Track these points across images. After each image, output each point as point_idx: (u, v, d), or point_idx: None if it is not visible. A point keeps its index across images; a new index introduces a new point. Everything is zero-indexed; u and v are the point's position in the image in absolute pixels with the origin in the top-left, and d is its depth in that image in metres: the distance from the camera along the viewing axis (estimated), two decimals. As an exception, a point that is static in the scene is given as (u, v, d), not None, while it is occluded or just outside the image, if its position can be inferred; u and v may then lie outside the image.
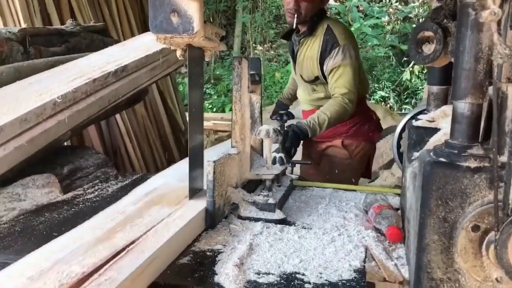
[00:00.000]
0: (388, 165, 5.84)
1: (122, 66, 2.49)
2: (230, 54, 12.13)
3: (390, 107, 10.64)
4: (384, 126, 6.41)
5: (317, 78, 2.48)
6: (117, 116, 5.05)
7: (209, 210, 1.37)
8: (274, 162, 1.57)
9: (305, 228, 1.40)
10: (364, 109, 2.69)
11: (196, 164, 1.46)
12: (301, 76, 2.61)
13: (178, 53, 1.36)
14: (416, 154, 1.38)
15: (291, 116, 1.75)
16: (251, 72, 1.60)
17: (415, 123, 1.48)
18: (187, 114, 6.31)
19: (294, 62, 2.67)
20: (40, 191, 1.73)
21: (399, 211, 1.52)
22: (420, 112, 2.10)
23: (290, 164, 1.88)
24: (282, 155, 1.58)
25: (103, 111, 2.37)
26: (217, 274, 1.10)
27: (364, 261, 1.20)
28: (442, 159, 1.00)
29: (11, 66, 2.30)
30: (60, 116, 2.01)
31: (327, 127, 2.25)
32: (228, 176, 1.47)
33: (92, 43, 3.13)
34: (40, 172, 1.91)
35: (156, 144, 5.59)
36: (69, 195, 1.70)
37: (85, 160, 2.19)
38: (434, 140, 1.35)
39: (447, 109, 1.45)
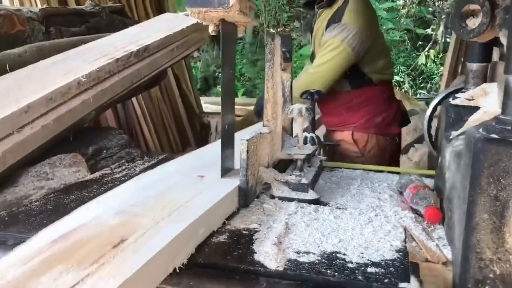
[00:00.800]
0: (404, 150, 5.78)
1: (144, 46, 2.46)
2: (242, 38, 12.04)
3: (405, 91, 10.52)
4: (401, 110, 6.32)
5: None
6: (133, 98, 5.05)
7: (243, 189, 1.34)
8: (305, 141, 1.53)
9: (339, 209, 1.37)
10: (383, 97, 2.34)
11: (228, 143, 1.44)
12: (313, 52, 2.38)
13: (211, 28, 1.33)
14: (454, 133, 1.34)
15: (322, 94, 1.71)
16: (282, 50, 1.56)
17: (453, 101, 1.44)
18: (201, 98, 6.27)
19: (312, 35, 2.45)
20: (67, 170, 1.71)
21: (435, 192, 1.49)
22: (449, 95, 2.05)
23: (322, 143, 1.85)
24: (314, 135, 1.55)
25: (125, 92, 2.35)
26: (256, 253, 1.08)
27: (405, 242, 1.17)
28: (494, 136, 0.96)
29: (34, 45, 2.28)
30: (84, 96, 1.99)
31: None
32: (260, 155, 1.44)
33: (111, 23, 3.10)
34: (65, 152, 1.90)
35: (171, 126, 5.58)
36: (97, 174, 1.69)
37: (109, 140, 2.17)
38: (474, 119, 1.31)
39: (487, 87, 1.41)
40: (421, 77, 10.83)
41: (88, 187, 1.54)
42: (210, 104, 7.13)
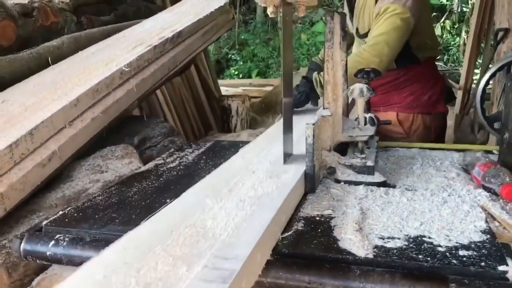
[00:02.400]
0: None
1: (177, 32, 2.43)
2: (253, 18, 11.90)
3: (422, 64, 10.34)
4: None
5: None
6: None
7: (309, 174, 1.31)
8: (365, 122, 1.49)
9: (409, 190, 1.34)
10: (428, 75, 2.22)
11: (288, 128, 1.40)
12: (357, 30, 2.22)
13: (270, 10, 1.28)
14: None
15: (377, 73, 1.65)
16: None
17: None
18: (219, 81, 6.18)
19: (352, 12, 2.29)
20: (120, 162, 1.70)
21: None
22: (502, 68, 1.99)
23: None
24: (373, 115, 1.51)
25: (165, 79, 2.32)
26: (339, 240, 1.05)
27: (487, 222, 1.13)
28: None
29: (70, 36, 2.25)
30: (128, 85, 1.97)
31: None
32: (322, 139, 1.41)
33: (138, 10, 3.06)
34: (113, 144, 1.89)
35: (193, 111, 5.56)
36: (151, 165, 1.66)
37: (152, 129, 2.16)
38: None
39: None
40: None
41: (147, 178, 1.52)
42: (225, 87, 7.07)
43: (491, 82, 2.17)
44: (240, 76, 10.53)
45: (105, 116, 1.77)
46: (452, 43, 10.73)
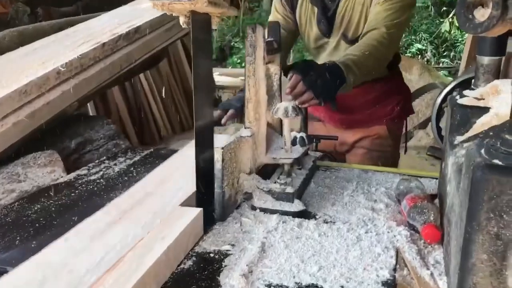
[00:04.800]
0: (423, 125, 5.56)
1: (135, 28, 2.32)
2: (259, 5, 11.71)
3: (427, 60, 10.13)
4: (421, 83, 6.07)
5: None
6: (140, 74, 4.91)
7: (219, 201, 1.21)
8: (294, 143, 1.38)
9: (327, 223, 1.23)
10: (403, 79, 2.15)
11: (204, 148, 1.29)
12: (344, 36, 1.91)
13: (181, 20, 1.17)
14: (459, 138, 1.17)
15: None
16: (268, 39, 1.40)
17: (460, 100, 1.26)
18: (216, 69, 6.04)
19: (330, 24, 1.89)
20: (41, 170, 1.60)
21: (437, 201, 1.33)
22: (465, 82, 1.84)
23: (314, 140, 1.69)
24: (304, 134, 1.39)
25: (115, 78, 2.21)
26: (220, 286, 0.95)
27: (395, 269, 1.03)
28: (497, 162, 0.79)
29: (14, 30, 2.15)
30: (65, 86, 1.86)
31: (360, 75, 1.52)
32: (240, 161, 1.30)
33: (108, 1, 2.94)
34: (46, 146, 1.79)
35: (181, 102, 5.45)
36: (72, 175, 1.57)
37: (96, 131, 2.06)
38: (482, 122, 1.14)
39: (500, 84, 1.22)
40: (444, 45, 10.39)
41: (59, 192, 1.43)
42: (225, 76, 6.95)
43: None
44: (243, 64, 10.37)
45: (32, 120, 1.68)
46: (460, 39, 10.47)
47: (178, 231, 1.04)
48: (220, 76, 6.73)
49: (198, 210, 1.14)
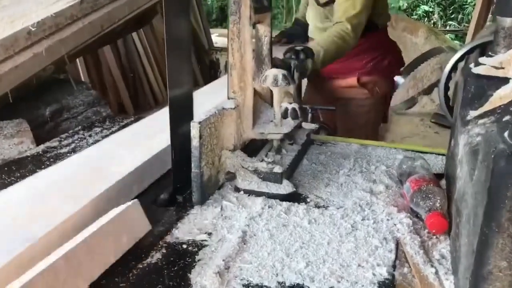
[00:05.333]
0: (427, 90, 5.37)
1: (118, -17, 2.11)
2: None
3: (434, 23, 9.80)
4: (427, 47, 5.83)
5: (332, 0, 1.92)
6: (133, 33, 4.69)
7: (195, 183, 1.06)
8: (285, 115, 1.22)
9: (319, 207, 1.09)
10: (386, 41, 2.19)
11: (180, 122, 1.14)
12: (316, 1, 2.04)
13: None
14: (473, 113, 1.02)
15: (310, 53, 1.37)
16: (257, -4, 1.22)
17: (474, 69, 1.09)
18: (216, 29, 5.80)
19: None
20: (8, 142, 1.46)
21: (444, 182, 1.18)
22: (479, 47, 1.67)
23: (310, 111, 1.53)
24: (296, 106, 1.23)
25: (96, 38, 2.03)
26: (191, 286, 0.82)
27: (394, 266, 0.89)
28: (526, 150, 0.64)
29: (-18, -16, 1.96)
30: (37, 48, 1.69)
31: (322, 63, 1.62)
32: (222, 137, 1.15)
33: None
34: (18, 114, 1.64)
35: (177, 64, 5.21)
36: (41, 147, 1.42)
37: (74, 97, 1.90)
38: (501, 96, 0.98)
39: (523, 51, 1.06)
40: (452, 7, 10.02)
41: (23, 166, 1.28)
42: (225, 37, 6.71)
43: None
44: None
45: (-2, 85, 1.52)
46: (469, 1, 10.10)
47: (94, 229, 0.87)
48: (219, 37, 6.49)
49: (132, 202, 0.97)
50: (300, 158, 1.33)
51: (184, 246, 0.94)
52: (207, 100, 1.40)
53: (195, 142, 1.03)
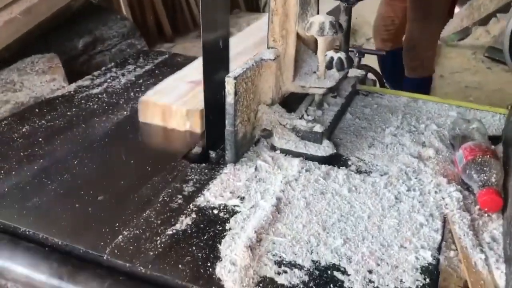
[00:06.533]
0: (484, 21, 4.98)
1: None
2: None
3: None
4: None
5: None
6: None
7: (229, 141, 1.00)
8: (330, 66, 1.11)
9: (360, 173, 1.01)
10: None
11: (215, 70, 1.05)
12: None
13: None
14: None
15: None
16: None
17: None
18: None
19: None
20: (39, 78, 1.42)
21: (501, 148, 1.08)
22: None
23: (357, 55, 1.41)
24: (343, 55, 1.11)
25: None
26: (220, 260, 0.78)
27: (439, 249, 0.82)
28: None
29: None
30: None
31: None
32: (260, 90, 1.06)
33: None
34: (50, 48, 1.59)
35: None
36: (73, 86, 1.37)
37: (108, 28, 1.82)
38: None
39: None
40: None
41: (52, 110, 1.24)
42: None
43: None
44: None
45: (27, 17, 1.45)
46: None
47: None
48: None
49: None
50: (343, 111, 1.23)
51: (215, 211, 0.89)
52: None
53: (230, 98, 0.95)
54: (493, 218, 0.91)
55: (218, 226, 0.86)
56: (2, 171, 0.99)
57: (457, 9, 4.76)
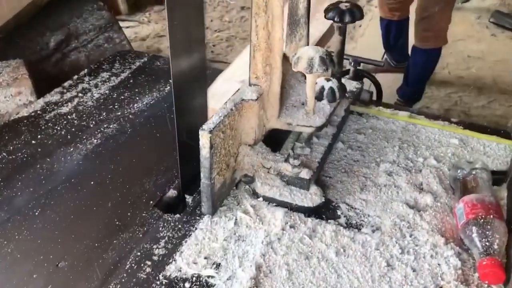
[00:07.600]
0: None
1: None
2: None
3: None
4: None
5: None
6: None
7: (205, 194, 0.90)
8: (320, 97, 0.99)
9: (350, 227, 0.92)
10: None
11: (187, 102, 0.94)
12: None
13: None
14: None
15: (357, 14, 1.06)
16: None
17: None
18: None
19: None
20: (3, 92, 1.29)
21: (505, 187, 0.98)
22: None
23: (352, 64, 1.28)
24: (335, 84, 0.99)
25: None
26: None
27: (433, 337, 0.75)
28: None
29: None
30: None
31: None
32: (241, 132, 0.95)
33: None
34: (17, 45, 1.45)
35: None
36: (40, 103, 1.25)
37: (83, 20, 1.67)
38: None
39: None
40: None
41: (15, 137, 1.13)
42: None
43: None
44: None
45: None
46: None
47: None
48: None
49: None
50: (335, 140, 1.12)
51: (187, 285, 0.81)
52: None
53: (205, 152, 0.84)
54: (494, 290, 0.82)
55: (188, 305, 0.78)
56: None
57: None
